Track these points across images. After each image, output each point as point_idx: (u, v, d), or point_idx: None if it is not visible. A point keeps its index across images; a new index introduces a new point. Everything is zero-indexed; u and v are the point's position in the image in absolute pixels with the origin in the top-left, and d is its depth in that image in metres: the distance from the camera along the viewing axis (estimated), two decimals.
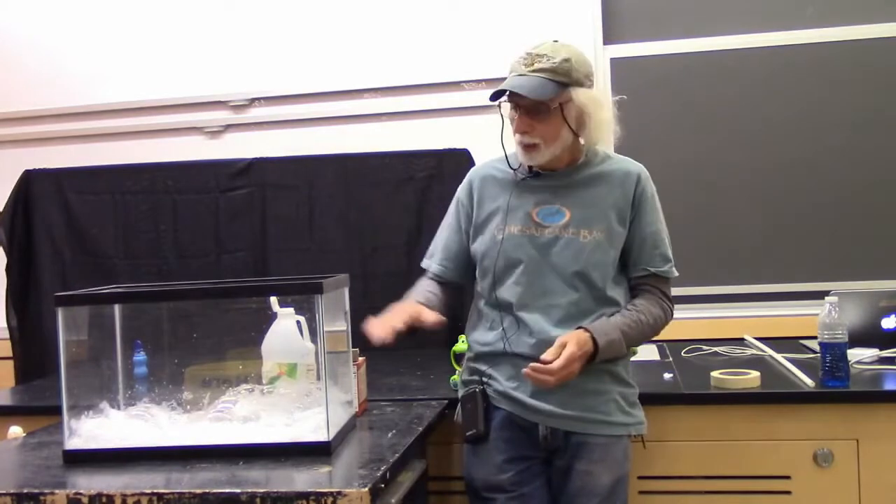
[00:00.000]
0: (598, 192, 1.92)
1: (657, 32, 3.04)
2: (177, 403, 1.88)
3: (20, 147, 3.36)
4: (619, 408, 1.90)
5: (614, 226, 1.90)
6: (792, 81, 2.95)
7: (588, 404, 1.86)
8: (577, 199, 1.92)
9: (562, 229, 1.90)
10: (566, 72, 1.82)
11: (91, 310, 1.84)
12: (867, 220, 2.92)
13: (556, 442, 1.87)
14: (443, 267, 2.06)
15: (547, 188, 1.94)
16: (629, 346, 1.90)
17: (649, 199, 1.93)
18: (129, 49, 3.30)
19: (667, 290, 1.96)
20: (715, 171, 3.00)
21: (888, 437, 2.05)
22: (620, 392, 1.91)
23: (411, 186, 3.00)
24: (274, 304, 1.85)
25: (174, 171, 3.13)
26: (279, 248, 3.07)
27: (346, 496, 1.40)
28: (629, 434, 1.92)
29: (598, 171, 1.94)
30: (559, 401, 1.85)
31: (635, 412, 1.94)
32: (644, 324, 1.89)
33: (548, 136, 1.85)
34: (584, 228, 1.89)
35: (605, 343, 1.82)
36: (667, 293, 1.95)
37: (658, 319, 1.92)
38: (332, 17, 3.18)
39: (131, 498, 1.46)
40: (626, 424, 1.91)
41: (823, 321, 2.09)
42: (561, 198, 1.92)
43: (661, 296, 1.94)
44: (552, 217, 1.91)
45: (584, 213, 1.90)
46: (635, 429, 1.93)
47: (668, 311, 1.95)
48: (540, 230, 1.91)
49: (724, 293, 2.98)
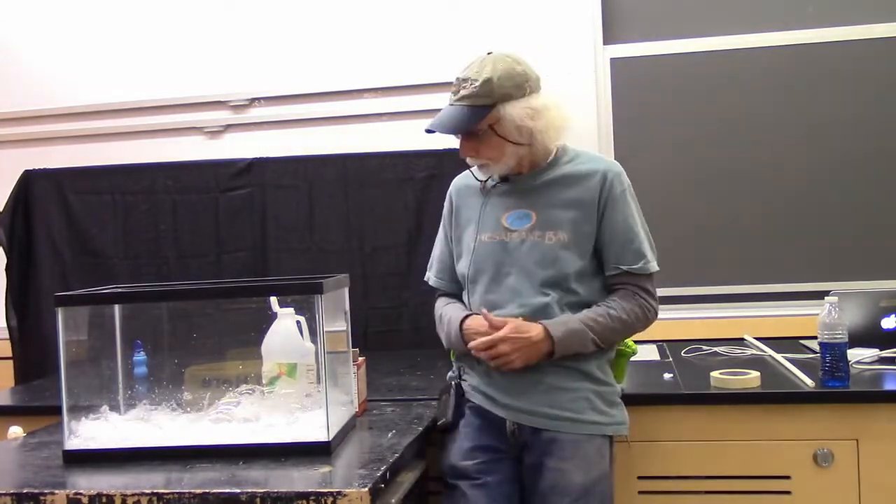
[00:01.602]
0: (563, 193, 1.92)
1: (657, 32, 3.04)
2: (177, 404, 1.88)
3: (20, 147, 3.36)
4: (592, 406, 1.87)
5: (581, 226, 1.89)
6: (792, 81, 2.95)
7: (556, 401, 1.86)
8: (542, 202, 1.92)
9: (528, 232, 1.91)
10: (488, 93, 1.82)
11: (91, 310, 1.84)
12: (867, 220, 2.91)
13: (524, 437, 1.87)
14: (439, 280, 2.11)
15: (515, 193, 1.96)
16: (601, 340, 1.87)
17: (618, 197, 1.90)
18: (129, 49, 3.30)
19: (646, 286, 1.92)
20: (715, 171, 3.00)
21: (888, 437, 2.05)
22: (595, 390, 1.89)
23: (411, 186, 3.00)
24: (274, 304, 1.85)
25: (174, 171, 3.13)
26: (279, 248, 3.07)
27: (346, 496, 1.40)
28: (603, 434, 1.88)
29: (565, 172, 1.94)
30: (528, 398, 1.86)
31: (613, 412, 1.91)
32: (615, 318, 1.87)
33: (491, 155, 1.89)
34: (549, 230, 1.90)
35: (563, 333, 1.82)
36: (646, 289, 1.92)
37: (633, 315, 1.89)
38: (332, 17, 3.18)
39: (131, 498, 1.46)
40: (598, 423, 1.88)
41: (823, 321, 2.09)
42: (528, 201, 1.94)
43: (638, 292, 1.91)
44: (520, 221, 1.93)
45: (548, 215, 1.91)
46: (611, 429, 1.90)
47: (649, 308, 1.92)
48: (509, 235, 1.93)
49: (724, 293, 2.98)
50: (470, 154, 1.91)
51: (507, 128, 1.85)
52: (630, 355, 2.09)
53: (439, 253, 2.13)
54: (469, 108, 1.84)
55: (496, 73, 1.83)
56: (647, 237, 1.94)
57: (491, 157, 1.89)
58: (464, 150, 1.91)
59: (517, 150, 1.89)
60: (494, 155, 1.89)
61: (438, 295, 2.13)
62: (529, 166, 1.95)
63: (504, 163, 1.90)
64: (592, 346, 1.86)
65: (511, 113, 1.83)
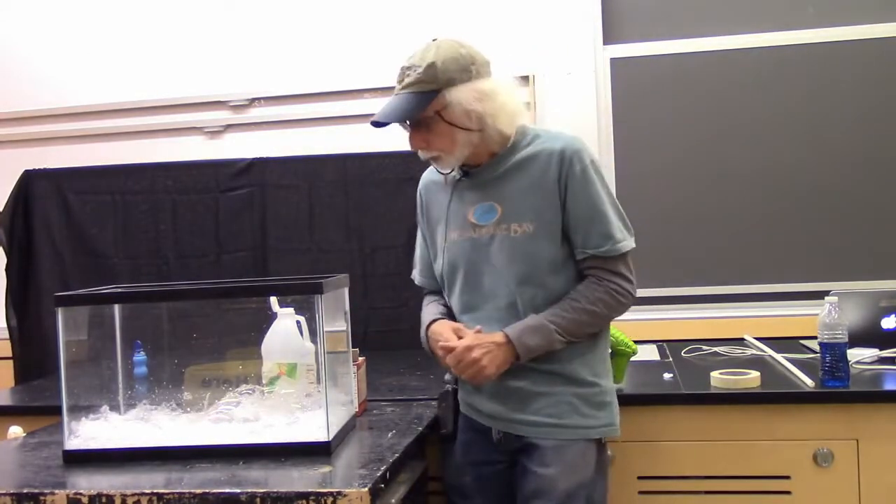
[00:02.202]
0: (523, 180, 1.80)
1: (657, 32, 3.04)
2: (177, 404, 1.88)
3: (20, 147, 3.36)
4: (575, 409, 1.78)
5: (545, 214, 1.77)
6: (792, 81, 2.95)
7: (536, 407, 1.79)
8: (506, 192, 1.81)
9: (495, 227, 1.81)
10: (432, 78, 1.72)
11: (91, 310, 1.84)
12: (867, 220, 2.92)
13: (510, 444, 1.83)
14: (423, 278, 2.06)
15: (478, 185, 1.85)
16: (568, 335, 1.75)
17: (578, 175, 1.76)
18: (130, 49, 3.30)
19: (617, 268, 1.78)
20: (715, 171, 3.00)
21: (888, 437, 2.05)
22: (578, 393, 1.79)
23: (411, 186, 2.95)
24: (274, 304, 1.85)
25: (174, 171, 3.13)
26: (279, 248, 3.07)
27: (346, 496, 1.40)
28: (588, 438, 1.79)
29: (524, 156, 1.81)
30: (510, 405, 1.81)
31: (599, 414, 1.81)
32: (580, 310, 1.75)
33: (443, 145, 1.78)
34: (515, 223, 1.78)
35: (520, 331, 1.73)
36: (617, 271, 1.77)
37: (601, 304, 1.76)
38: (332, 18, 3.18)
39: (131, 498, 1.46)
40: (582, 427, 1.78)
41: (823, 321, 2.09)
42: (492, 193, 1.83)
43: (607, 277, 1.77)
44: (486, 215, 1.82)
45: (513, 206, 1.80)
46: (597, 432, 1.80)
47: (620, 292, 1.77)
48: (477, 231, 1.83)
49: (724, 293, 2.98)
50: (420, 146, 1.80)
51: (455, 113, 1.74)
52: (630, 355, 2.08)
53: (420, 251, 2.05)
54: (414, 95, 1.74)
55: (439, 57, 1.73)
56: (615, 215, 1.79)
57: (442, 147, 1.78)
58: (413, 142, 1.80)
59: (469, 137, 1.77)
60: (445, 144, 1.77)
61: (425, 293, 2.06)
62: (488, 155, 1.83)
63: (457, 152, 1.78)
64: (561, 342, 1.75)
65: (458, 97, 1.73)
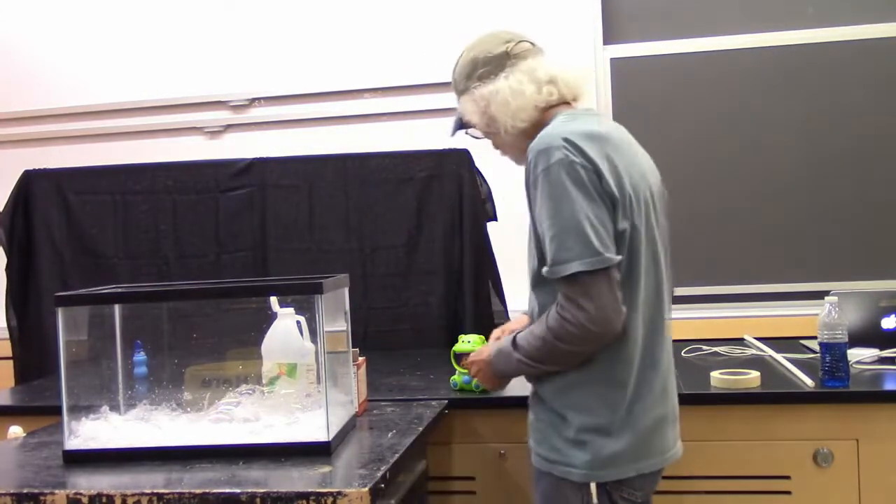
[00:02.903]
0: None
1: (657, 32, 3.04)
2: (177, 404, 1.88)
3: (20, 147, 3.37)
4: (545, 438, 1.64)
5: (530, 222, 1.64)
6: (792, 81, 2.95)
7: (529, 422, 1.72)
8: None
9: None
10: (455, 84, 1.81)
11: (91, 310, 1.84)
12: (867, 220, 2.92)
13: None
14: None
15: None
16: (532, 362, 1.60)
17: (534, 181, 1.56)
18: (130, 49, 3.30)
19: (567, 292, 1.51)
20: (715, 171, 3.00)
21: (888, 437, 2.05)
22: (549, 421, 1.63)
23: (411, 186, 2.99)
24: (274, 304, 1.85)
25: (174, 171, 3.12)
26: (279, 248, 3.07)
27: (346, 496, 1.40)
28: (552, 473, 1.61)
29: None
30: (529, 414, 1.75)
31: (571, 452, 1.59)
32: (536, 337, 1.58)
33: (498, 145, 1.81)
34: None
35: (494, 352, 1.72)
36: (567, 295, 1.51)
37: (549, 332, 1.54)
38: (332, 17, 3.19)
39: (131, 498, 1.46)
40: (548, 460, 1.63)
41: (823, 321, 2.09)
42: None
43: (561, 300, 1.53)
44: None
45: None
46: (561, 470, 1.59)
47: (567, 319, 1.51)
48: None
49: (724, 293, 2.98)
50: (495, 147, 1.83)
51: (473, 123, 1.77)
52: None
53: None
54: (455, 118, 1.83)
55: (455, 71, 1.80)
56: (564, 230, 1.51)
57: (499, 146, 1.81)
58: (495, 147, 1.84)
59: (498, 140, 1.78)
60: (499, 144, 1.80)
61: None
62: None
63: (509, 153, 1.80)
64: (524, 369, 1.64)
65: (464, 108, 1.77)
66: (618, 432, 1.58)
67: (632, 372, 1.59)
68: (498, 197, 2.90)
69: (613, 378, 1.59)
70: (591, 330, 1.50)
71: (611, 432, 1.58)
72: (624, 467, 1.59)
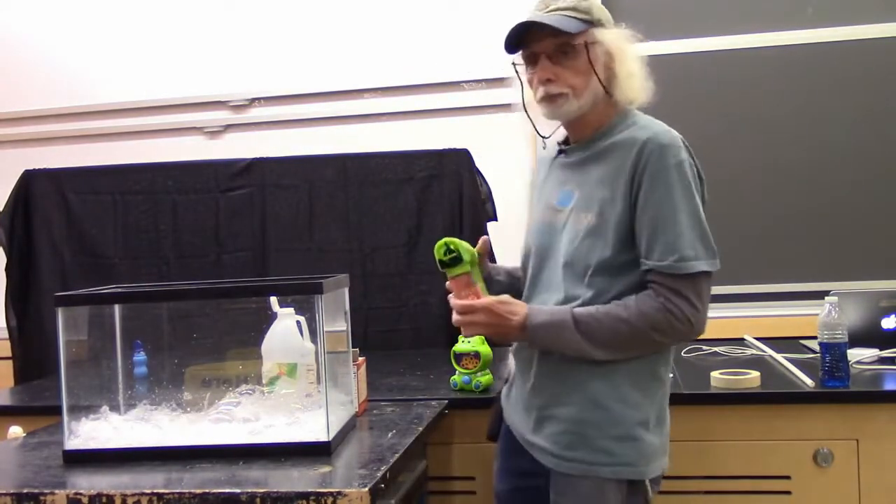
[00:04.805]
0: (603, 166, 1.62)
1: (657, 32, 3.04)
2: (177, 404, 1.88)
3: (20, 147, 3.37)
4: (582, 440, 1.58)
5: (610, 207, 1.58)
6: (792, 81, 2.95)
7: (547, 432, 1.63)
8: (585, 177, 1.64)
9: (569, 213, 1.64)
10: (587, 9, 1.63)
11: (91, 310, 1.84)
12: (867, 220, 2.92)
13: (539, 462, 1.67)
14: None
15: (568, 165, 1.70)
16: (592, 340, 1.55)
17: (656, 174, 1.55)
18: (130, 49, 3.30)
19: (680, 288, 1.52)
20: (715, 171, 2.96)
21: (888, 437, 2.05)
22: (591, 420, 1.58)
23: (411, 186, 2.99)
24: (274, 304, 1.85)
25: (174, 171, 3.12)
26: (279, 248, 3.07)
27: (346, 496, 1.40)
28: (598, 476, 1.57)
29: (613, 141, 1.64)
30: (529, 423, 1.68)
31: (617, 449, 1.56)
32: (620, 318, 1.53)
33: (575, 83, 1.61)
34: (583, 212, 1.61)
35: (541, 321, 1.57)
36: (678, 291, 1.52)
37: (647, 321, 1.53)
38: (332, 17, 3.19)
39: (131, 498, 1.46)
40: (589, 463, 1.57)
41: (823, 321, 2.09)
42: (576, 176, 1.67)
43: (666, 294, 1.53)
44: (566, 199, 1.67)
45: (587, 194, 1.63)
46: (610, 471, 1.56)
47: (678, 316, 1.52)
48: (555, 215, 1.68)
49: (724, 293, 2.98)
50: (550, 77, 1.61)
51: (598, 54, 1.62)
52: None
53: None
54: (569, 18, 1.60)
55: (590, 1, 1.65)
56: (691, 227, 1.54)
57: (574, 84, 1.61)
58: (544, 72, 1.61)
59: (597, 89, 1.63)
60: (578, 83, 1.61)
61: None
62: (595, 126, 1.67)
63: (584, 97, 1.62)
64: (575, 349, 1.57)
65: (607, 38, 1.63)
66: (655, 428, 1.61)
67: (668, 369, 1.66)
68: (498, 197, 2.90)
69: (657, 373, 1.63)
70: (694, 328, 1.55)
71: (650, 427, 1.60)
72: (660, 462, 1.63)
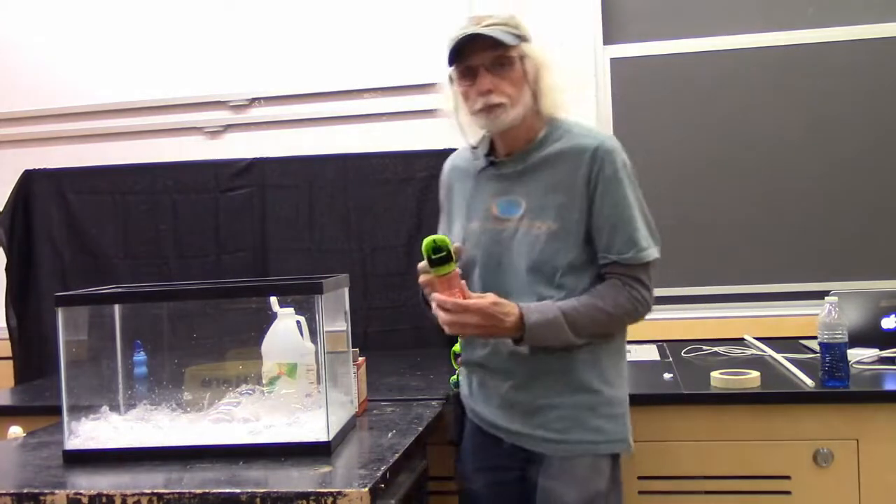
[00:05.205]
0: (551, 175, 1.74)
1: (657, 32, 3.04)
2: (177, 404, 1.88)
3: (20, 147, 3.36)
4: (580, 423, 1.72)
5: (569, 213, 1.71)
6: (792, 81, 2.95)
7: (541, 421, 1.73)
8: (532, 187, 1.75)
9: (518, 221, 1.75)
10: (517, 25, 1.76)
11: (91, 310, 1.84)
12: (867, 220, 2.92)
13: (520, 454, 1.77)
14: None
15: (505, 176, 1.80)
16: (578, 332, 1.67)
17: (609, 177, 1.70)
18: (130, 49, 3.30)
19: (640, 276, 1.71)
20: (715, 171, 3.00)
21: (888, 437, 2.05)
22: (584, 402, 1.72)
23: (411, 186, 3.00)
24: (274, 304, 1.85)
25: (174, 171, 3.13)
26: (279, 248, 3.07)
27: (346, 496, 1.40)
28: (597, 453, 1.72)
29: (555, 150, 1.75)
30: (516, 418, 1.76)
31: (608, 427, 1.73)
32: (600, 310, 1.68)
33: (512, 93, 1.72)
34: (538, 219, 1.73)
35: (536, 320, 1.64)
36: (639, 279, 1.71)
37: (620, 308, 1.70)
38: (332, 17, 3.18)
39: (131, 498, 1.46)
40: (588, 442, 1.72)
41: (823, 321, 2.09)
42: (519, 186, 1.77)
43: (630, 283, 1.70)
44: (510, 209, 1.77)
45: (538, 202, 1.74)
46: (605, 447, 1.73)
47: (640, 301, 1.71)
48: (500, 224, 1.77)
49: (724, 293, 2.98)
50: (490, 87, 1.71)
51: (529, 67, 1.74)
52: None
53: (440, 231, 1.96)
54: (506, 32, 1.71)
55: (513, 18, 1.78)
56: (643, 221, 1.73)
57: (511, 94, 1.71)
58: (484, 82, 1.71)
59: (528, 101, 1.74)
60: (514, 93, 1.72)
61: None
62: (526, 138, 1.78)
63: (519, 107, 1.72)
64: (562, 341, 1.68)
65: (534, 52, 1.75)
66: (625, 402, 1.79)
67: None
68: None
69: (622, 351, 1.81)
70: (650, 309, 1.74)
71: (625, 403, 1.79)
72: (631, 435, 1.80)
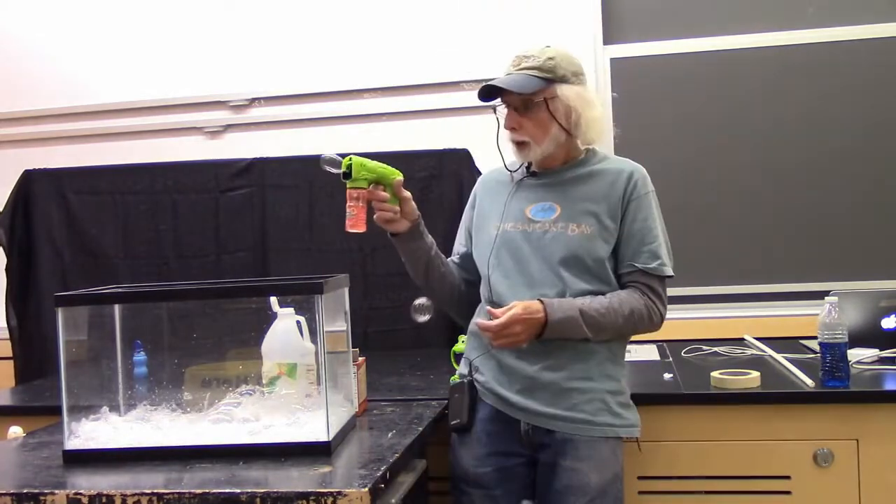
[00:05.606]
0: (590, 188, 1.93)
1: (657, 32, 3.04)
2: (177, 404, 1.88)
3: (20, 147, 3.36)
4: (607, 408, 1.87)
5: (604, 221, 1.89)
6: (792, 81, 2.95)
7: (571, 403, 1.86)
8: (568, 196, 1.93)
9: (551, 224, 1.91)
10: (551, 69, 1.87)
11: (91, 310, 1.84)
12: (867, 219, 2.92)
13: (538, 438, 1.88)
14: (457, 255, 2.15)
15: (542, 186, 1.97)
16: (596, 332, 1.84)
17: (641, 198, 1.92)
18: (130, 49, 3.30)
19: (657, 287, 1.91)
20: (715, 171, 3.00)
21: (888, 437, 2.05)
22: (609, 391, 1.89)
23: (411, 186, 2.93)
24: (274, 305, 1.84)
25: (174, 171, 3.13)
26: (279, 248, 3.07)
27: (346, 496, 1.40)
28: (616, 436, 1.89)
29: (593, 169, 1.95)
30: (544, 400, 1.86)
31: (626, 414, 1.91)
32: (616, 312, 1.85)
33: (536, 133, 1.89)
34: (573, 223, 1.90)
35: (559, 318, 1.81)
36: (656, 291, 1.90)
37: (636, 314, 1.87)
38: (332, 17, 3.18)
39: (131, 498, 1.46)
40: (612, 426, 1.88)
41: (823, 321, 2.09)
42: (554, 194, 1.95)
43: (647, 293, 1.89)
44: (544, 213, 1.94)
45: (574, 209, 1.91)
46: (625, 431, 1.90)
47: (655, 312, 1.90)
48: (532, 225, 1.93)
49: (724, 293, 2.98)
50: (514, 126, 1.91)
51: (559, 107, 1.88)
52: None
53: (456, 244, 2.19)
54: (530, 77, 1.86)
55: (558, 55, 1.89)
56: (665, 242, 1.93)
57: (534, 135, 1.89)
58: (509, 121, 1.91)
59: (559, 136, 1.90)
60: (537, 134, 1.89)
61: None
62: (563, 160, 1.97)
63: (544, 145, 1.90)
64: (579, 336, 1.84)
65: (566, 93, 1.87)
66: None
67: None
68: None
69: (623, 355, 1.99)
70: (661, 323, 1.93)
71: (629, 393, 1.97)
72: None
